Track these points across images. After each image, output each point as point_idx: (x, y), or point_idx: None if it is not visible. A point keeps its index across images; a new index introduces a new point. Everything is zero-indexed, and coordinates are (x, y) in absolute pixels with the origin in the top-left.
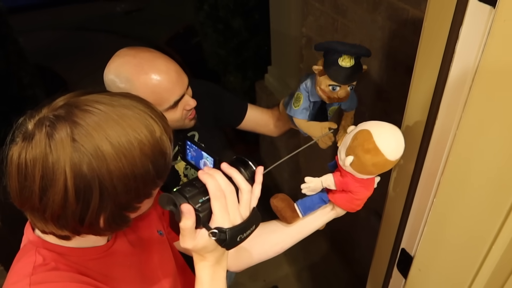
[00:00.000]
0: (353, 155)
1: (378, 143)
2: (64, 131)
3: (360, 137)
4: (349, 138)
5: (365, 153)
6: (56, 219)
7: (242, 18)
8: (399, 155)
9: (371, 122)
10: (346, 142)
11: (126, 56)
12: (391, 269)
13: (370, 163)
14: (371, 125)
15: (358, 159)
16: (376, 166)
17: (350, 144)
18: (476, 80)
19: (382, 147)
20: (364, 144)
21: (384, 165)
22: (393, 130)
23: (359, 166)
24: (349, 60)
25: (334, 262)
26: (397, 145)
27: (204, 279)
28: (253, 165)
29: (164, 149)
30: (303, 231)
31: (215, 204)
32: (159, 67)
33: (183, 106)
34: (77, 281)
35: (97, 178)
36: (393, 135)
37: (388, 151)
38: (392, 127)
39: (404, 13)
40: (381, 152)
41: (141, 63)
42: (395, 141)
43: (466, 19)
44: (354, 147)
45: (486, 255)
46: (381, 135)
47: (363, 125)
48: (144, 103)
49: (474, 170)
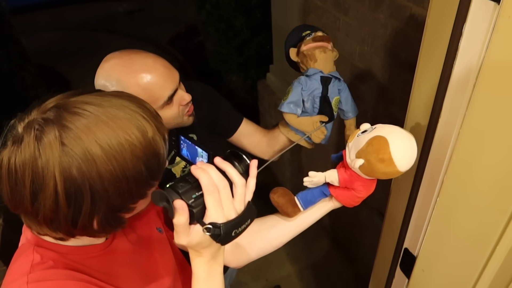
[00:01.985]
0: (365, 159)
1: (394, 155)
2: (52, 134)
3: (376, 144)
4: (363, 140)
5: (378, 161)
6: (49, 222)
7: (244, 17)
8: (409, 167)
9: (389, 129)
10: (359, 144)
11: (113, 59)
12: (394, 269)
13: (381, 171)
14: (388, 133)
15: (369, 165)
16: (385, 175)
17: (364, 148)
18: (480, 78)
19: (397, 159)
20: (379, 152)
21: (393, 175)
22: (409, 142)
23: (368, 170)
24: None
25: (337, 262)
26: (411, 158)
27: (201, 275)
28: (247, 159)
29: (157, 149)
30: (301, 224)
31: (208, 199)
32: (147, 64)
33: (179, 101)
34: (76, 279)
35: (87, 182)
36: (410, 147)
37: (402, 164)
38: (409, 137)
39: (407, 10)
40: (395, 164)
41: (129, 63)
42: (410, 154)
43: (469, 15)
44: (368, 153)
45: (490, 255)
46: (397, 146)
47: (381, 130)
48: (136, 102)
49: (477, 169)
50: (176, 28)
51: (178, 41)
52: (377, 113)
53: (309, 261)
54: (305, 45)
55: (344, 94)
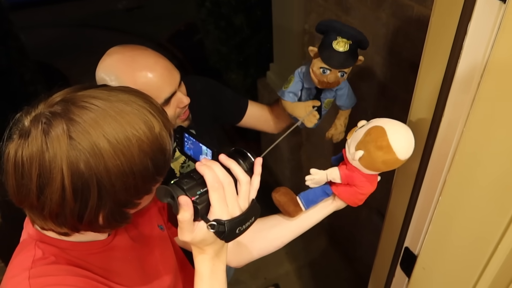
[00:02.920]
0: (364, 150)
1: (392, 141)
2: (60, 128)
3: (373, 133)
4: (361, 133)
5: (377, 149)
6: (54, 217)
7: (244, 15)
8: (409, 156)
9: (385, 119)
10: (358, 137)
11: (116, 54)
12: (394, 268)
13: (381, 160)
14: (385, 122)
15: (368, 155)
16: (385, 164)
17: (362, 139)
18: (484, 77)
19: (395, 146)
20: (377, 140)
21: (393, 164)
22: (406, 130)
23: (369, 161)
24: (344, 44)
25: (335, 260)
26: (409, 146)
27: (204, 272)
28: (251, 156)
29: (164, 145)
30: (303, 225)
31: (213, 195)
32: (148, 64)
33: (176, 104)
34: (77, 275)
35: (94, 176)
36: (406, 135)
37: (400, 150)
38: (405, 126)
39: (409, 9)
40: (393, 150)
41: (130, 60)
42: (407, 141)
43: (474, 14)
44: (366, 142)
45: (491, 255)
46: (395, 134)
47: (377, 121)
48: (143, 98)
49: (481, 169)
50: (176, 25)
51: (178, 39)
52: (378, 112)
53: (308, 259)
54: (316, 67)
55: (341, 92)
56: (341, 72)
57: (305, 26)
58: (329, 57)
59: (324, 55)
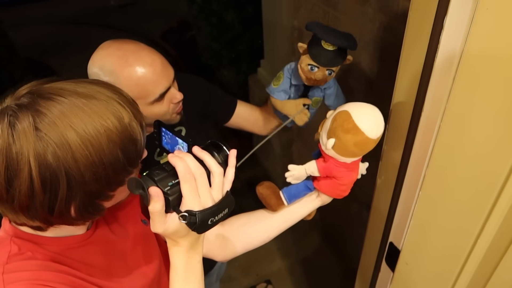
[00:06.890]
0: (334, 137)
1: (358, 122)
2: (26, 120)
3: (339, 118)
4: (329, 121)
5: (345, 133)
6: (25, 209)
7: (235, 11)
8: (379, 133)
9: (349, 103)
10: (327, 126)
11: (110, 48)
12: (380, 263)
13: (352, 142)
14: (349, 106)
15: (339, 140)
16: (358, 146)
17: (330, 127)
18: (460, 67)
19: (362, 126)
20: (343, 124)
21: (366, 144)
22: (371, 109)
23: (341, 147)
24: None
25: (327, 256)
26: (376, 123)
27: (178, 265)
28: (226, 149)
29: (134, 135)
30: (289, 219)
31: (184, 186)
32: (144, 59)
33: (170, 99)
34: (54, 270)
35: (63, 167)
36: (372, 113)
37: (368, 129)
38: (370, 106)
39: (395, 4)
40: (361, 130)
41: (126, 55)
42: (374, 119)
43: (450, 8)
44: (334, 129)
45: (472, 248)
46: (359, 114)
47: (341, 107)
48: (111, 89)
49: (459, 160)
50: (168, 22)
51: (170, 35)
52: None
53: (300, 256)
54: (304, 64)
55: (329, 91)
56: (329, 70)
57: (294, 22)
58: (318, 55)
59: (313, 53)
